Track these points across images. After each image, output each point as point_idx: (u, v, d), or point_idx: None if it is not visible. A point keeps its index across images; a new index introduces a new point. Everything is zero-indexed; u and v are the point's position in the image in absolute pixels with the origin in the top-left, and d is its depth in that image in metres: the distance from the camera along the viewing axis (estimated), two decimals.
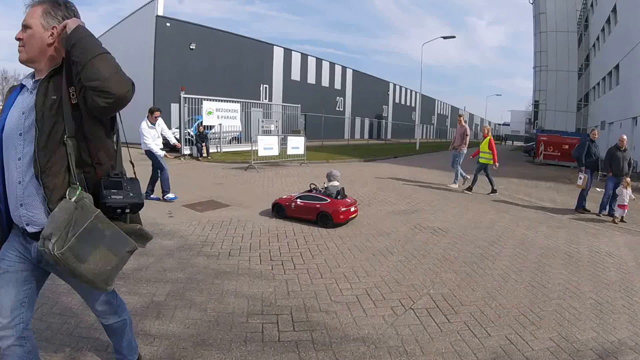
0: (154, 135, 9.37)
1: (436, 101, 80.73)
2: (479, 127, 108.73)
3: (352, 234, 7.08)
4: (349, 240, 6.70)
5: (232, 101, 22.32)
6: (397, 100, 65.83)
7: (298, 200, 7.74)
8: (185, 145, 19.74)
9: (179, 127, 20.30)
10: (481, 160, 12.18)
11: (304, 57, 43.54)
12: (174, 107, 25.67)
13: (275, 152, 16.48)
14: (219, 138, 21.51)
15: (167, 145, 10.10)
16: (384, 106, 61.86)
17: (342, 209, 7.39)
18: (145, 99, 28.26)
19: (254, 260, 5.63)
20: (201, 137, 19.16)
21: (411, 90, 69.92)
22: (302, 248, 6.24)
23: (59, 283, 4.68)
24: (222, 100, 21.62)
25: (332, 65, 48.58)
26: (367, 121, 56.42)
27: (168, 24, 28.72)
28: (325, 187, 8.06)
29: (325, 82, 47.21)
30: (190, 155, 19.57)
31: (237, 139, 23.74)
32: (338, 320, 4.04)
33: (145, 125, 9.30)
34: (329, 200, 7.51)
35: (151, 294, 4.44)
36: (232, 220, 7.65)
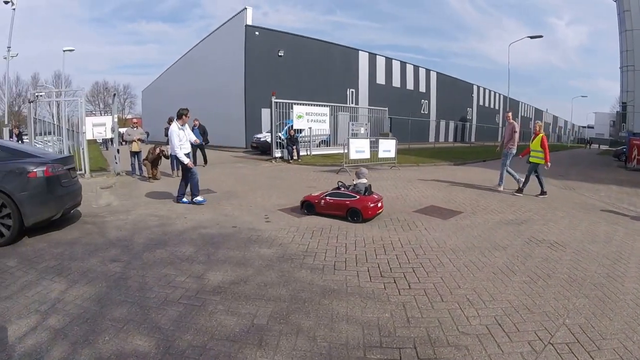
0: (182, 138, 8.93)
1: (520, 103, 75.95)
2: (562, 130, 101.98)
3: (464, 247, 6.00)
4: (463, 254, 5.64)
5: (322, 105, 21.79)
6: (481, 103, 62.65)
7: (327, 197, 7.79)
8: (277, 149, 19.55)
9: (270, 131, 20.11)
10: (532, 160, 10.81)
11: (389, 61, 42.38)
12: (264, 112, 25.71)
13: (366, 155, 15.65)
14: (309, 141, 21.01)
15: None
16: (468, 109, 59.08)
17: (371, 205, 7.44)
18: (237, 104, 28.81)
19: (363, 276, 4.75)
20: (292, 141, 18.84)
21: (495, 92, 66.28)
22: (414, 263, 5.26)
23: (149, 296, 4.17)
24: (311, 104, 21.17)
25: (416, 69, 46.97)
26: (451, 124, 54.12)
27: (257, 33, 29.10)
28: (354, 184, 8.03)
29: (409, 85, 45.74)
30: (281, 158, 19.26)
31: (325, 142, 23.18)
32: (471, 359, 3.14)
33: (175, 127, 8.87)
34: (358, 197, 7.56)
35: (252, 315, 3.74)
36: (331, 227, 6.85)
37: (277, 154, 19.46)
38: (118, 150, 14.46)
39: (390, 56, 43.12)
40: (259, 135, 24.09)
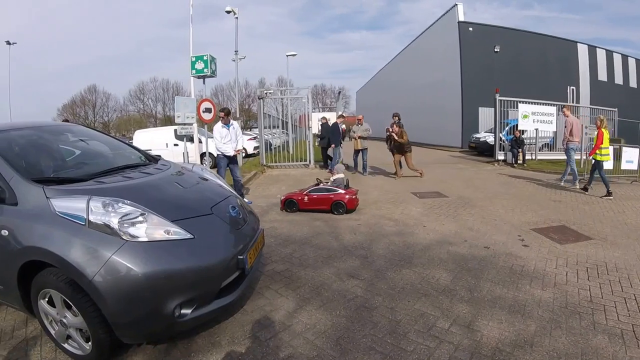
0: (225, 136, 8.53)
1: None
2: None
3: None
4: None
5: (548, 104, 18.53)
6: None
7: (311, 193, 7.87)
8: (500, 151, 17.20)
9: (494, 131, 17.83)
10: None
11: (609, 55, 34.19)
12: (482, 110, 23.35)
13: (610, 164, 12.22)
14: (534, 144, 18.04)
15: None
16: None
17: (353, 197, 7.72)
18: (453, 103, 27.16)
19: None
20: (517, 143, 16.23)
21: None
22: None
23: (405, 347, 3.00)
24: (537, 103, 18.10)
25: (639, 63, 38.12)
26: None
27: (470, 29, 26.78)
28: (333, 180, 8.51)
29: (632, 82, 36.77)
30: (504, 161, 16.78)
31: (548, 146, 19.82)
32: None
33: (218, 125, 8.59)
34: (340, 190, 7.80)
35: None
36: (607, 266, 4.79)
37: (500, 156, 17.05)
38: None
39: (610, 49, 35.61)
40: (477, 135, 21.78)
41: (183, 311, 2.74)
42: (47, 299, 2.86)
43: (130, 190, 3.15)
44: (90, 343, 2.74)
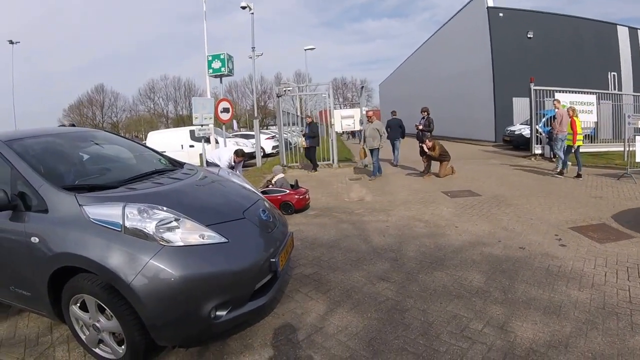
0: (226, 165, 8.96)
1: None
2: None
3: None
4: None
5: (587, 92, 18.00)
6: None
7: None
8: (537, 144, 16.82)
9: (530, 123, 17.43)
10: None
11: None
12: (516, 101, 22.81)
13: None
14: None
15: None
16: None
17: (300, 197, 8.23)
18: (485, 94, 26.74)
19: None
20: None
21: None
22: None
23: (438, 348, 3.10)
24: (575, 92, 17.62)
25: None
26: None
27: (501, 14, 26.21)
28: (274, 182, 9.01)
29: None
30: (542, 155, 16.41)
31: (588, 137, 19.25)
32: None
33: (227, 158, 9.03)
34: (287, 191, 8.36)
35: None
36: None
37: (537, 150, 16.67)
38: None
39: None
40: (512, 128, 21.25)
41: (218, 313, 2.92)
42: (78, 304, 3.07)
43: (163, 196, 3.35)
44: (123, 346, 2.94)
